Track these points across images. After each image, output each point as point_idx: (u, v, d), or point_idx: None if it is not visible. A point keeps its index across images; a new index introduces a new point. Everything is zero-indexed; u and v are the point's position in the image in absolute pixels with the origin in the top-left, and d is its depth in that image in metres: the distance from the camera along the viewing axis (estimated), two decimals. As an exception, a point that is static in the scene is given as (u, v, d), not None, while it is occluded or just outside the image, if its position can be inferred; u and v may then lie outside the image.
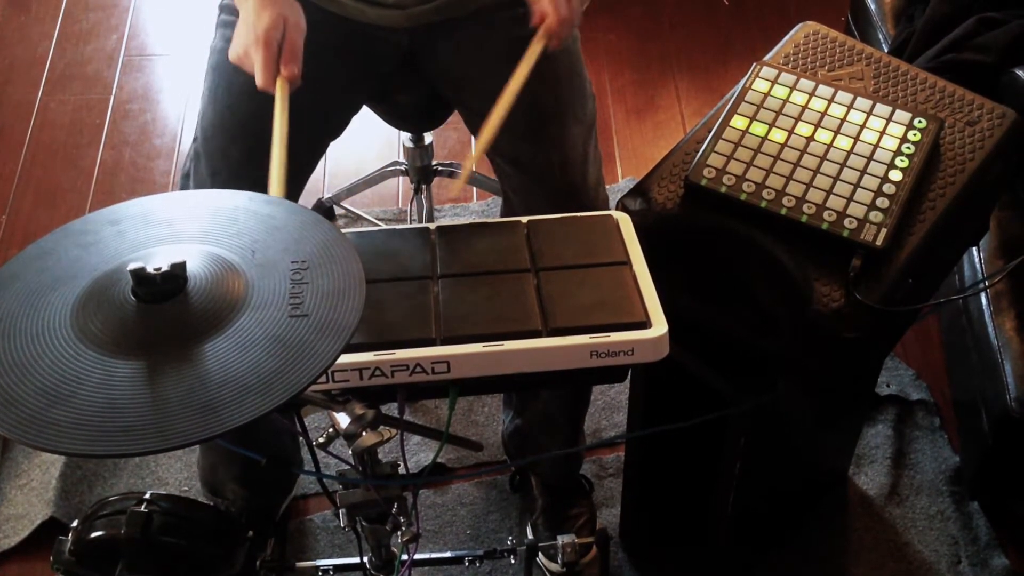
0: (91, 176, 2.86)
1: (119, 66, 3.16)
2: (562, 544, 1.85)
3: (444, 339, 1.20)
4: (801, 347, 1.41)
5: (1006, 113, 1.55)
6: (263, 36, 1.43)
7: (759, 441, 1.64)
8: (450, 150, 2.90)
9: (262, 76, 1.44)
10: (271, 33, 1.44)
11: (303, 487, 2.20)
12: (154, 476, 2.23)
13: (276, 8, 1.46)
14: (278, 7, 1.47)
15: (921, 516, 2.17)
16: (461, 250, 1.34)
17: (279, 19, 1.45)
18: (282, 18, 1.46)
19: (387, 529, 1.43)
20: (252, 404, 0.95)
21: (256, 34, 1.44)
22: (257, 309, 1.03)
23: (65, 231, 1.14)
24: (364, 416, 1.21)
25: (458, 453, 2.26)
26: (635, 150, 2.93)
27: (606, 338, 1.20)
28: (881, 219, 1.40)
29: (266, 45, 1.43)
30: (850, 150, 1.48)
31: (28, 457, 2.25)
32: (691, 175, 1.46)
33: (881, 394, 2.33)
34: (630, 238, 1.34)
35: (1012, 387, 1.94)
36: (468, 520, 2.18)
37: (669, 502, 2.02)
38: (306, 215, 1.16)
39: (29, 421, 0.93)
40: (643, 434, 1.85)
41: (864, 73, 1.61)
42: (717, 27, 3.27)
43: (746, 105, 1.53)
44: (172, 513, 1.52)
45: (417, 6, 1.70)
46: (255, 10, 1.46)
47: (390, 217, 2.75)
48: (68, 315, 1.02)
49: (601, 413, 2.33)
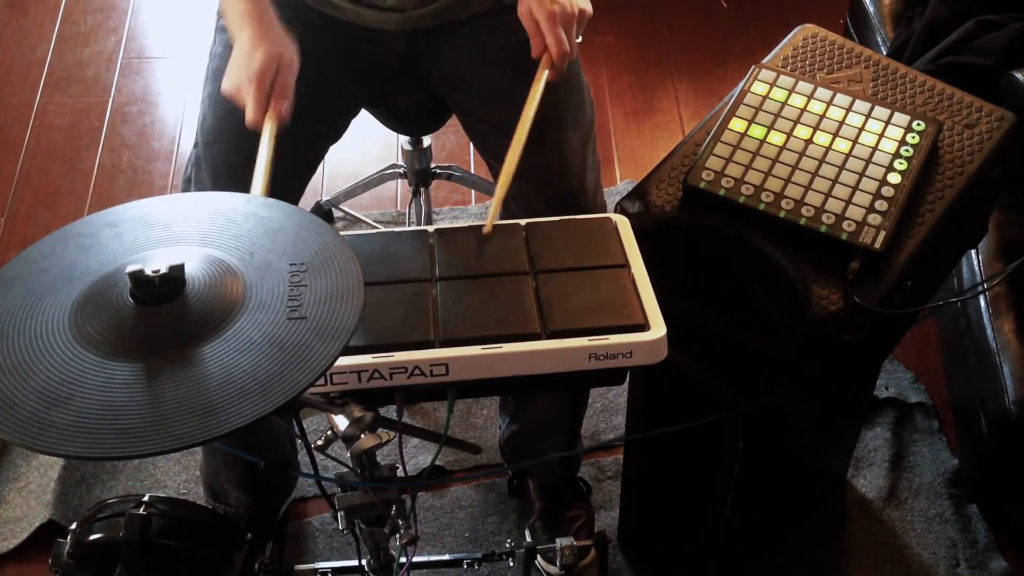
0: (89, 178, 2.86)
1: (118, 68, 3.16)
2: (560, 547, 1.85)
3: (443, 342, 1.20)
4: (799, 349, 1.41)
5: (1005, 116, 1.55)
6: (256, 76, 1.45)
7: (758, 444, 1.64)
8: (449, 153, 2.90)
9: (252, 114, 1.45)
10: (264, 74, 1.46)
11: (302, 490, 2.20)
12: (153, 479, 2.23)
13: (270, 46, 1.48)
14: (272, 45, 1.49)
15: (920, 519, 2.17)
16: (459, 253, 1.34)
17: (273, 58, 1.47)
18: (276, 56, 1.47)
19: (386, 532, 1.43)
20: (251, 406, 0.94)
21: (249, 73, 1.46)
22: (255, 311, 1.03)
23: (63, 233, 1.14)
24: (362, 419, 1.21)
25: (456, 456, 2.26)
26: (634, 153, 2.93)
27: (604, 341, 1.20)
28: (880, 222, 1.40)
29: (259, 85, 1.45)
30: (849, 153, 1.48)
31: (26, 460, 2.25)
32: (690, 178, 1.46)
33: (880, 397, 2.33)
34: (629, 241, 1.34)
35: (1011, 390, 1.94)
36: (466, 523, 2.18)
37: (667, 505, 2.02)
38: (304, 217, 1.16)
39: (27, 423, 0.93)
40: (642, 437, 1.85)
41: (863, 75, 1.61)
42: (716, 30, 3.28)
43: (745, 108, 1.53)
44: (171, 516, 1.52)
45: (415, 9, 1.70)
46: (249, 46, 1.48)
47: (388, 220, 2.75)
48: (66, 317, 1.02)
49: (599, 416, 2.33)
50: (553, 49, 1.51)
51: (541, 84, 1.51)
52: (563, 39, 1.51)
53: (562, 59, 1.52)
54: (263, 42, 1.49)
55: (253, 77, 1.45)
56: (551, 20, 1.51)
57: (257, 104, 1.45)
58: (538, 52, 1.53)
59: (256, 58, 1.46)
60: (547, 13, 1.51)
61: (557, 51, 1.51)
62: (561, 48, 1.51)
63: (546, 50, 1.52)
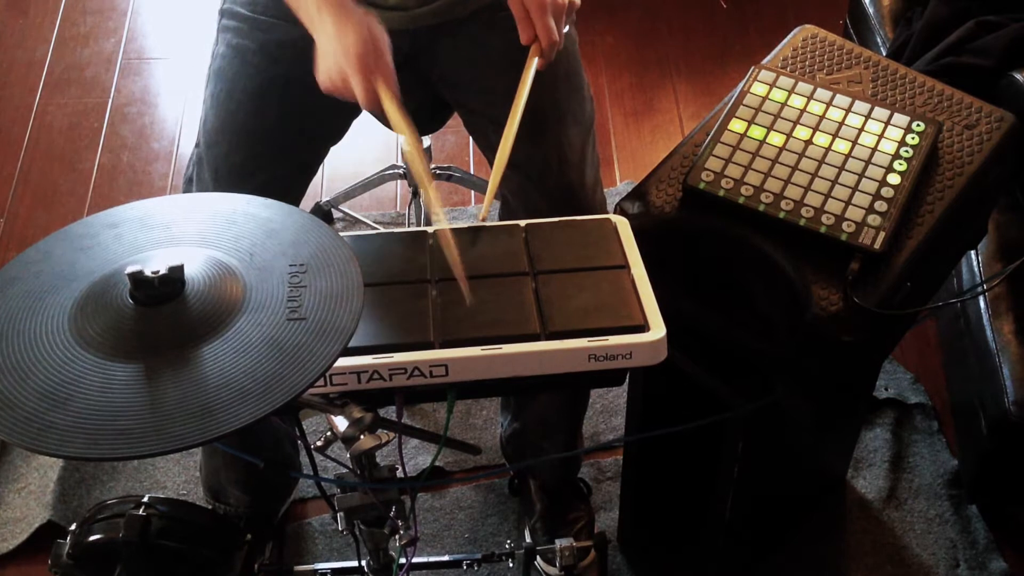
0: (89, 179, 2.86)
1: (117, 69, 3.16)
2: (560, 548, 1.85)
3: (442, 343, 1.20)
4: (799, 350, 1.41)
5: (1004, 116, 1.55)
6: (356, 61, 1.39)
7: (757, 444, 1.64)
8: (449, 153, 2.90)
9: (365, 100, 1.41)
10: (364, 57, 1.40)
11: (301, 491, 2.19)
12: (152, 479, 2.23)
13: (358, 26, 1.42)
14: (360, 25, 1.42)
15: (919, 519, 2.17)
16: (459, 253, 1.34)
17: (366, 38, 1.41)
18: (367, 36, 1.41)
19: (385, 533, 1.43)
20: (250, 407, 0.95)
21: (348, 61, 1.40)
22: (255, 312, 1.03)
23: (63, 234, 1.14)
24: (362, 419, 1.21)
25: (456, 457, 2.26)
26: (633, 153, 2.93)
27: (604, 341, 1.20)
28: (879, 222, 1.40)
29: (362, 70, 1.39)
30: (848, 153, 1.48)
31: (26, 460, 2.25)
32: (689, 178, 1.46)
33: (879, 398, 2.33)
34: (628, 241, 1.34)
35: (1010, 390, 1.94)
36: (466, 524, 2.17)
37: (667, 505, 2.02)
38: (304, 218, 1.16)
39: (27, 424, 0.93)
40: (641, 438, 1.85)
41: (862, 76, 1.61)
42: (715, 30, 3.28)
43: (744, 108, 1.53)
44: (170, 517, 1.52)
45: (417, 8, 1.70)
46: (337, 33, 1.42)
47: (388, 221, 2.75)
48: (66, 318, 1.02)
49: (599, 417, 2.33)
50: (543, 39, 1.51)
51: (531, 73, 1.51)
52: (553, 29, 1.51)
53: (551, 49, 1.52)
54: (350, 24, 1.41)
55: (354, 63, 1.39)
56: (541, 9, 1.50)
57: (367, 89, 1.40)
58: (527, 40, 1.53)
59: (349, 43, 1.40)
60: (538, 2, 1.50)
61: (547, 41, 1.51)
62: (551, 38, 1.51)
63: (535, 39, 1.52)
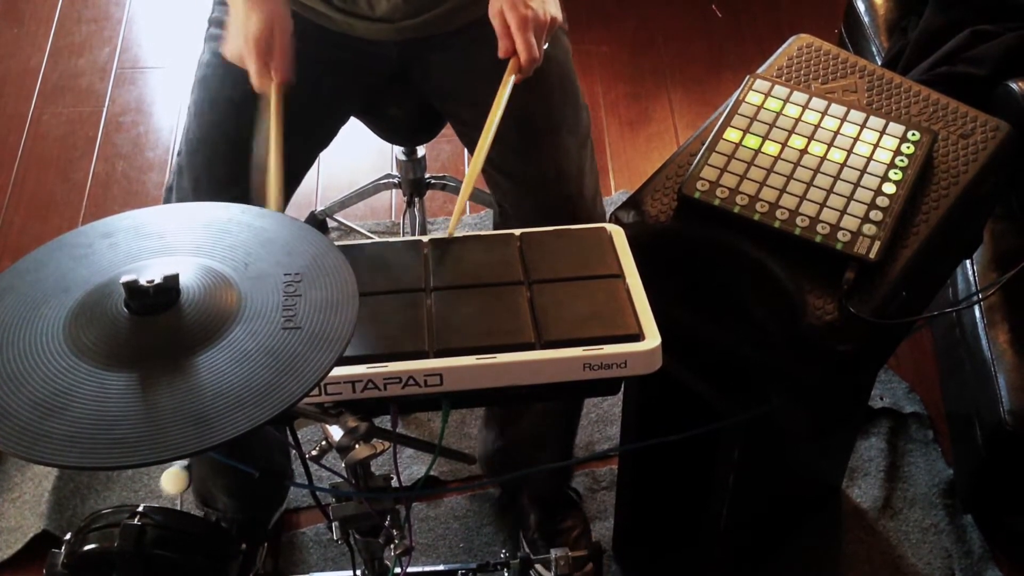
0: (84, 189, 2.85)
1: (112, 79, 3.16)
2: (556, 557, 1.84)
3: (437, 352, 1.20)
4: (794, 360, 1.41)
5: (1000, 126, 1.55)
6: (253, 41, 1.49)
7: (752, 454, 1.64)
8: (443, 163, 2.90)
9: (256, 80, 1.50)
10: (261, 38, 1.49)
11: (295, 500, 2.19)
12: (147, 489, 2.23)
13: (264, 8, 1.51)
14: (265, 8, 1.52)
15: (915, 529, 2.17)
16: (454, 263, 1.34)
17: (268, 21, 1.50)
18: (270, 19, 1.51)
19: (380, 542, 1.42)
20: (245, 416, 0.94)
21: (246, 38, 1.49)
22: (250, 321, 1.03)
23: (58, 244, 1.13)
24: (357, 429, 1.21)
25: (451, 466, 2.26)
26: (628, 163, 2.93)
27: (599, 351, 1.20)
28: (874, 232, 1.40)
29: (257, 50, 1.49)
30: (843, 163, 1.48)
31: (21, 470, 2.24)
32: (684, 188, 1.46)
33: (874, 407, 2.33)
34: (623, 250, 1.34)
35: (1006, 400, 1.94)
36: (461, 533, 2.17)
37: (663, 514, 2.02)
38: (299, 227, 1.16)
39: (22, 433, 0.93)
40: (636, 447, 1.85)
41: (858, 86, 1.61)
42: (710, 40, 3.28)
43: (739, 118, 1.53)
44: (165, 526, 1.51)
45: (404, 20, 1.71)
46: (244, 12, 1.51)
47: (383, 230, 2.75)
48: (61, 327, 1.02)
49: (594, 426, 2.33)
50: (523, 54, 1.52)
51: (508, 87, 1.52)
52: (533, 45, 1.52)
53: (530, 64, 1.53)
54: (256, 9, 1.51)
55: (251, 42, 1.49)
56: (523, 25, 1.51)
57: (259, 69, 1.49)
58: (505, 53, 1.54)
59: (251, 23, 1.50)
60: (519, 18, 1.51)
61: (526, 57, 1.52)
62: (531, 54, 1.52)
63: (514, 54, 1.53)
